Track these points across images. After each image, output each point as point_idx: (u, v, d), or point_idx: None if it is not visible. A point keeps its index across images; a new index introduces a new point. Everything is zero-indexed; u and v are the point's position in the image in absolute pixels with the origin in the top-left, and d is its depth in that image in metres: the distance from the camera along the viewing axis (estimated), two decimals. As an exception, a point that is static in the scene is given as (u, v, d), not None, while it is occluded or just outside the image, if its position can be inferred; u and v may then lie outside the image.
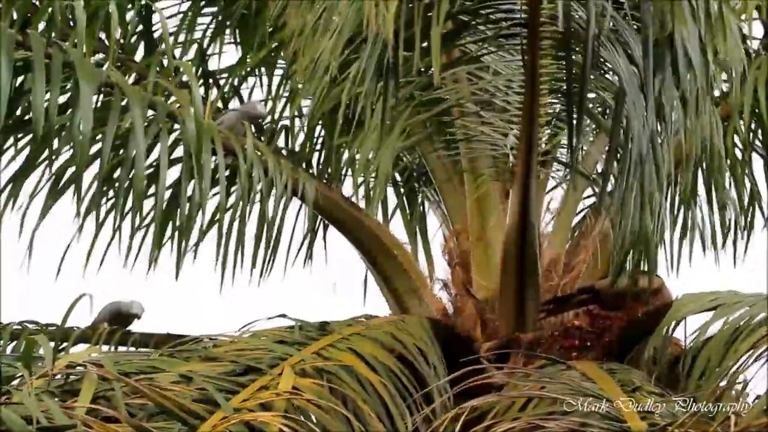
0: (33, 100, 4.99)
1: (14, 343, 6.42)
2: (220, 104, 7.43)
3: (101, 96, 5.77)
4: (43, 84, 5.03)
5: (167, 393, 4.42)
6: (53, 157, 5.61)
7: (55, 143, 5.48)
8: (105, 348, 6.34)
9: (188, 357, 5.20)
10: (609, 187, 5.70)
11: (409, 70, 5.59)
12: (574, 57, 5.35)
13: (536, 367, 5.75)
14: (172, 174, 6.40)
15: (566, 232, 6.76)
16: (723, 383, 5.20)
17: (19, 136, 6.25)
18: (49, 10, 5.64)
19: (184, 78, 7.07)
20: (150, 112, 5.68)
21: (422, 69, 5.81)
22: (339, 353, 5.15)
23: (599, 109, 5.91)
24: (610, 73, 5.52)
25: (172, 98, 6.03)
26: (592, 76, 5.26)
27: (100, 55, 6.76)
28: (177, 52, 7.44)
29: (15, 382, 4.55)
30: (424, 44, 5.13)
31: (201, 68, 7.45)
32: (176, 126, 6.08)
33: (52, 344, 5.31)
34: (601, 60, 5.29)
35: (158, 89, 5.85)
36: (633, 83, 5.08)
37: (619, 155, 5.37)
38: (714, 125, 5.98)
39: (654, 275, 6.22)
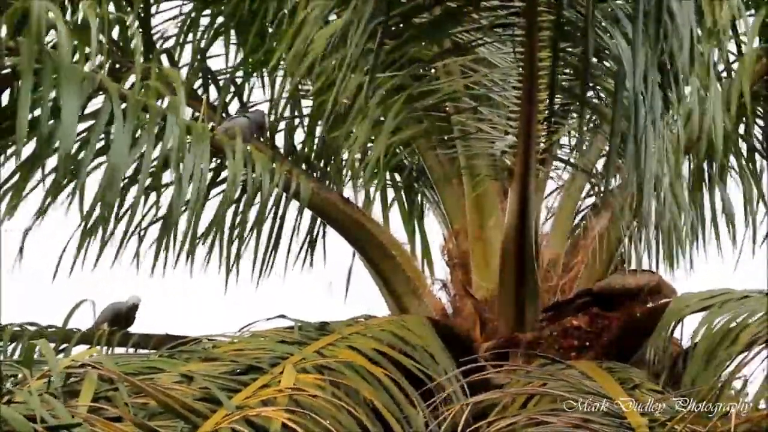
0: (18, 108, 5.00)
1: (14, 344, 6.42)
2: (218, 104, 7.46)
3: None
4: (29, 92, 5.05)
5: (170, 392, 4.43)
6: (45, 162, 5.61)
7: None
8: (104, 350, 6.33)
9: (188, 358, 5.22)
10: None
11: (400, 58, 5.57)
12: (570, 48, 5.32)
13: (536, 366, 5.75)
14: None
15: (565, 232, 6.77)
16: (723, 381, 5.19)
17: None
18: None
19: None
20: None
21: (413, 59, 5.80)
22: (340, 351, 5.15)
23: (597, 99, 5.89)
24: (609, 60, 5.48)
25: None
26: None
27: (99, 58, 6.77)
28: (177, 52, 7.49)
29: (13, 384, 4.55)
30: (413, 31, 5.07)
31: (201, 68, 7.47)
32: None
33: (53, 346, 5.33)
34: (603, 47, 5.23)
35: (151, 93, 5.85)
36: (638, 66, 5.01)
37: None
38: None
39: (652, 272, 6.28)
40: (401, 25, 5.04)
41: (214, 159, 6.87)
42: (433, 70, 6.35)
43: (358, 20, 5.05)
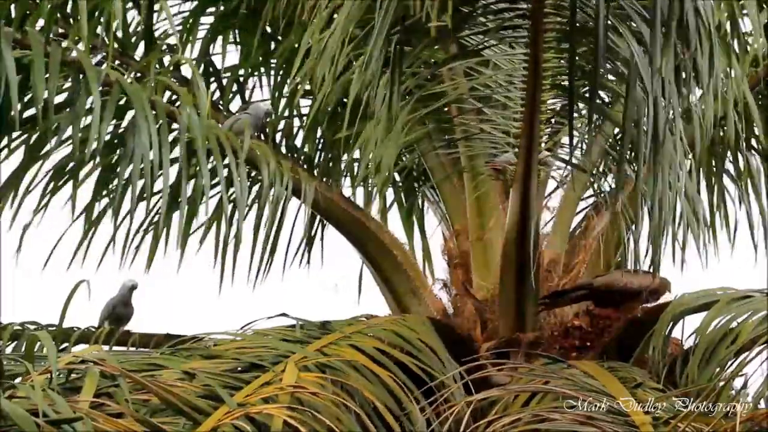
0: (34, 96, 4.97)
1: (14, 343, 6.41)
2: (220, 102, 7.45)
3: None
4: (43, 81, 5.02)
5: (171, 389, 4.42)
6: (49, 155, 5.59)
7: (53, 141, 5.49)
8: (105, 348, 6.32)
9: (189, 355, 5.20)
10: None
11: (411, 64, 5.58)
12: (578, 48, 5.32)
13: (537, 366, 5.74)
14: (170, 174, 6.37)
15: (566, 232, 6.76)
16: (722, 380, 5.19)
17: (14, 135, 6.23)
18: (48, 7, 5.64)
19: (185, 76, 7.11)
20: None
21: (423, 63, 5.81)
22: (342, 350, 5.14)
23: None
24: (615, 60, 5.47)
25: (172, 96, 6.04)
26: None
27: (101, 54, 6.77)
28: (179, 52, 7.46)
29: (17, 380, 4.53)
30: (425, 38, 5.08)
31: (204, 65, 7.45)
32: (174, 125, 6.09)
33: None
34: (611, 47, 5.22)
35: (158, 88, 5.83)
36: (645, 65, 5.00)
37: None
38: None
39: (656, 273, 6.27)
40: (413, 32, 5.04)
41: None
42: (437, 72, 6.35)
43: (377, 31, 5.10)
